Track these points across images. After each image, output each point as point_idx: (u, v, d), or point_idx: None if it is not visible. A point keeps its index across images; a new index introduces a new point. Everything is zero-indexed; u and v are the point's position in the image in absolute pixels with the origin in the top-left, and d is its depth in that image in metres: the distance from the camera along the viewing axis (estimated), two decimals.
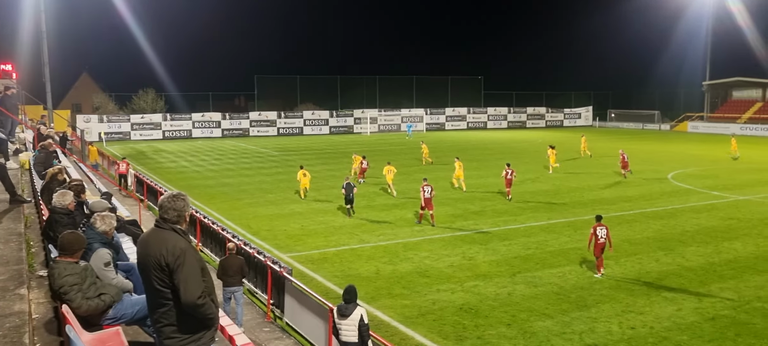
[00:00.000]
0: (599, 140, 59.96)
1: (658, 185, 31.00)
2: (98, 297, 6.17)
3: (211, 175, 35.88)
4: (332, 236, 20.46)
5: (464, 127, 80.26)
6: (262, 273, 14.03)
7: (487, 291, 14.81)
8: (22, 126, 27.83)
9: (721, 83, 76.92)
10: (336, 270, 16.56)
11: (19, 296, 6.57)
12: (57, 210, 8.14)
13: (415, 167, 38.14)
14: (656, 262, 17.27)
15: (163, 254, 4.72)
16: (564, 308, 13.67)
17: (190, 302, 4.72)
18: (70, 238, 6.39)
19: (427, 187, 22.02)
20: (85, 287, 6.14)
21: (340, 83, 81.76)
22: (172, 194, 5.04)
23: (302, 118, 72.77)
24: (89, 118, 63.66)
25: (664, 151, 48.35)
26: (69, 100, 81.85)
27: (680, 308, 13.60)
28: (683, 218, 23.15)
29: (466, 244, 19.30)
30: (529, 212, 24.31)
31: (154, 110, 71.20)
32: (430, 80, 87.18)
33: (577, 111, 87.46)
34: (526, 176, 33.97)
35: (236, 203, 26.47)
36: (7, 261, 7.76)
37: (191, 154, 48.17)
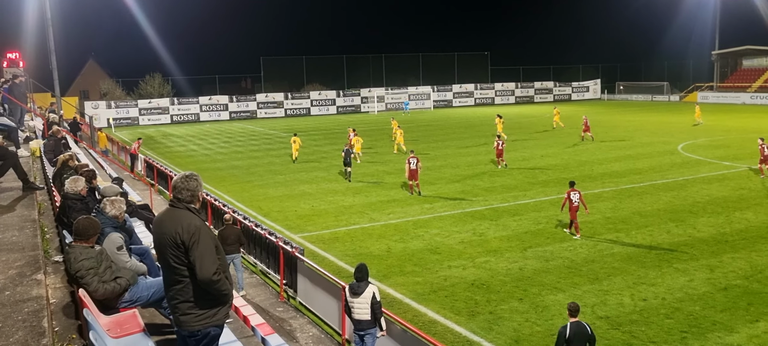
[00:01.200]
0: (607, 113, 59.62)
1: (669, 156, 30.83)
2: (114, 281, 6.24)
3: (221, 158, 35.99)
4: (342, 215, 20.52)
5: (472, 104, 79.94)
6: (274, 254, 14.11)
7: (499, 266, 14.85)
8: (31, 114, 27.99)
9: (730, 52, 76.10)
10: (347, 249, 16.64)
11: (37, 281, 6.66)
12: (70, 196, 8.21)
13: (423, 145, 38.04)
14: (667, 233, 17.23)
15: (179, 232, 4.81)
16: (575, 281, 13.70)
17: (205, 279, 4.80)
18: (84, 223, 6.46)
19: (414, 159, 23.18)
20: (101, 270, 6.21)
21: (346, 63, 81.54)
22: (185, 175, 5.10)
23: (309, 99, 72.67)
24: (97, 105, 63.84)
25: (674, 123, 48.02)
26: (76, 87, 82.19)
27: (692, 279, 13.60)
28: (694, 189, 23.06)
29: (476, 220, 19.32)
30: (539, 186, 24.27)
31: (161, 95, 71.28)
32: (437, 57, 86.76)
33: (585, 84, 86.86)
34: (535, 152, 33.90)
35: (246, 185, 26.58)
36: (23, 247, 7.85)
37: (200, 138, 48.30)
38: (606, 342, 10.69)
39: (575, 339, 8.40)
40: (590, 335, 8.46)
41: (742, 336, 10.78)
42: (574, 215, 17.13)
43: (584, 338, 8.42)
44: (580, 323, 8.57)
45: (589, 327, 8.55)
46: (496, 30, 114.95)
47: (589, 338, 8.45)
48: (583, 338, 8.41)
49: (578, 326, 8.50)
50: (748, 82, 73.17)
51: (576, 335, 8.41)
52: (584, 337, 8.42)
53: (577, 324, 8.53)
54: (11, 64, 35.09)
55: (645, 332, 11.05)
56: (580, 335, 8.41)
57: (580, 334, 8.41)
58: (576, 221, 17.20)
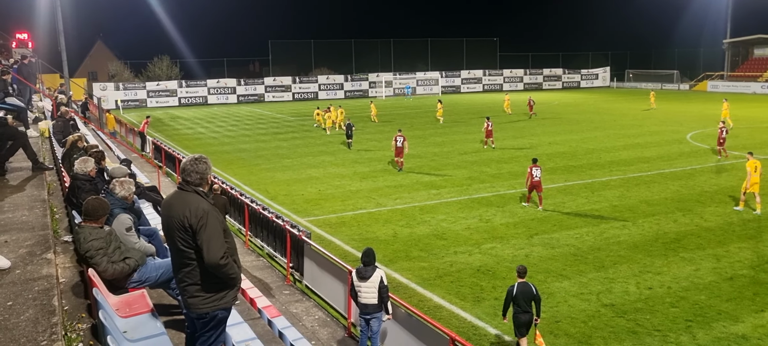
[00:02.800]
0: (616, 101, 59.30)
1: (677, 145, 30.70)
2: (123, 261, 6.30)
3: (228, 141, 36.07)
4: (349, 199, 20.57)
5: (480, 90, 79.69)
6: (281, 237, 14.18)
7: (504, 253, 14.87)
8: (40, 94, 28.10)
9: (741, 41, 75.45)
10: (354, 233, 16.69)
11: (47, 260, 6.72)
12: (79, 176, 8.26)
13: (430, 130, 38.03)
14: (674, 222, 17.20)
15: (187, 215, 4.82)
16: (581, 269, 13.71)
17: (213, 262, 4.82)
18: (94, 203, 6.51)
19: (400, 137, 24.95)
20: (110, 251, 6.27)
21: (354, 47, 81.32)
22: (193, 157, 5.10)
23: (317, 83, 72.61)
24: (105, 86, 63.98)
25: (683, 112, 47.75)
26: (85, 68, 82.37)
27: (698, 268, 13.59)
28: (702, 178, 22.97)
29: (482, 206, 19.33)
30: (546, 173, 24.16)
31: (170, 77, 71.36)
32: (445, 43, 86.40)
33: (594, 72, 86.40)
34: (542, 139, 33.80)
35: (253, 169, 26.65)
36: (33, 227, 7.92)
37: (207, 121, 48.38)
38: (610, 330, 10.72)
39: (520, 296, 9.54)
40: (535, 295, 9.56)
41: (748, 326, 10.78)
42: (532, 188, 18.80)
43: (529, 296, 9.55)
44: (526, 283, 9.70)
45: (534, 287, 9.66)
46: (506, 16, 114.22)
47: (533, 296, 9.55)
48: (527, 296, 9.54)
49: (524, 286, 9.63)
50: (759, 72, 72.56)
51: (521, 293, 9.55)
52: (529, 295, 9.55)
53: (523, 284, 9.66)
54: (20, 45, 35.22)
55: (650, 320, 11.07)
56: (525, 293, 9.55)
57: (525, 293, 9.55)
58: (539, 193, 18.82)
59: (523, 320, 9.54)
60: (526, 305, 9.50)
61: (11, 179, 10.84)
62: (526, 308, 9.51)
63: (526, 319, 9.53)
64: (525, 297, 9.52)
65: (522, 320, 9.54)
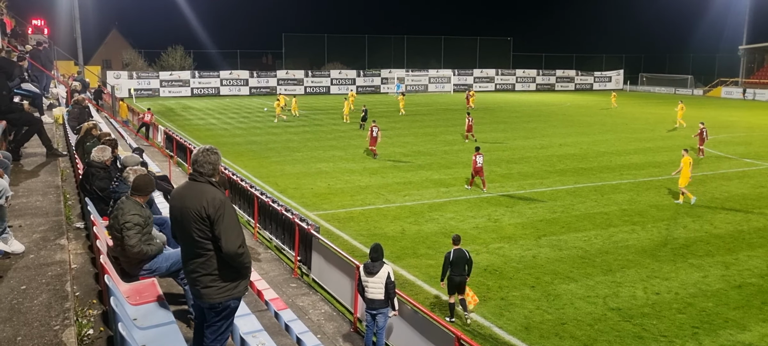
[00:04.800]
0: (628, 105, 58.98)
1: (697, 153, 30.48)
2: (149, 245, 6.40)
3: (239, 133, 36.21)
4: (358, 195, 20.63)
5: (492, 89, 79.51)
6: (289, 230, 14.26)
7: (512, 253, 14.88)
8: (55, 81, 28.32)
9: (758, 48, 74.76)
10: (362, 229, 16.75)
11: (60, 246, 6.83)
12: (94, 164, 8.36)
13: (440, 128, 38.02)
14: (684, 228, 17.14)
15: (204, 205, 4.87)
16: (588, 271, 13.71)
17: (231, 251, 4.89)
18: (145, 179, 6.69)
19: (375, 128, 27.53)
20: (145, 230, 6.37)
21: (367, 42, 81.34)
22: (205, 148, 5.16)
23: (329, 78, 72.69)
24: (119, 75, 64.37)
25: (696, 117, 47.28)
26: (99, 56, 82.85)
27: (706, 275, 13.55)
28: (713, 184, 22.85)
29: (491, 206, 19.34)
30: (556, 175, 24.19)
31: (183, 67, 71.67)
32: (459, 41, 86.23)
33: (607, 74, 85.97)
34: (553, 140, 33.72)
35: (264, 161, 26.76)
36: (47, 212, 8.04)
37: (219, 112, 48.57)
38: (616, 334, 10.73)
39: (456, 261, 11.04)
40: (468, 259, 11.15)
41: (755, 335, 10.75)
42: (475, 173, 21.22)
43: (463, 260, 11.09)
44: (460, 249, 11.21)
45: (467, 252, 11.22)
46: (520, 16, 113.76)
47: (467, 260, 11.12)
48: (462, 260, 11.08)
49: (459, 252, 11.14)
50: None
51: (457, 258, 11.06)
52: (463, 259, 11.10)
53: (458, 250, 11.16)
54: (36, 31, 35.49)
55: (656, 325, 11.06)
56: (460, 258, 11.07)
57: (460, 258, 11.08)
58: (482, 178, 21.37)
59: (457, 281, 11.07)
60: (461, 269, 11.05)
61: (26, 165, 10.98)
62: (460, 271, 11.05)
63: (460, 280, 11.07)
64: (460, 261, 11.05)
65: (456, 282, 11.07)
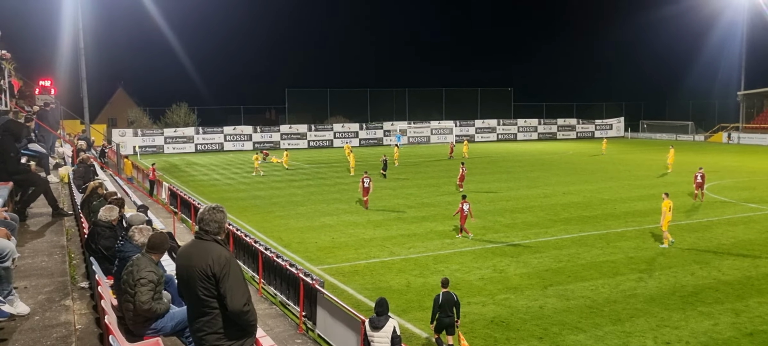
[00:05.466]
0: (630, 152, 59.18)
1: (693, 197, 30.47)
2: (158, 303, 6.40)
3: (243, 188, 36.33)
4: (363, 248, 20.57)
5: (494, 139, 79.95)
6: (294, 285, 14.18)
7: (519, 304, 14.75)
8: (61, 140, 28.60)
9: (756, 93, 75.37)
10: (367, 283, 16.65)
11: (65, 306, 6.81)
12: (101, 223, 8.40)
13: (443, 179, 38.12)
14: (691, 275, 17.00)
15: (210, 264, 4.89)
16: (597, 321, 13.55)
17: (236, 310, 4.89)
18: (160, 237, 6.78)
19: (367, 179, 28.04)
20: (157, 289, 6.39)
21: (369, 96, 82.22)
22: (211, 207, 5.21)
23: (332, 131, 73.28)
24: (124, 132, 65.02)
25: (699, 163, 47.36)
26: (105, 114, 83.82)
27: (717, 323, 13.38)
28: (718, 230, 22.75)
29: (496, 256, 19.25)
30: (561, 224, 24.12)
31: (187, 124, 72.40)
32: (460, 92, 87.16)
33: (608, 122, 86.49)
34: (556, 189, 33.73)
35: (268, 216, 26.78)
36: (52, 273, 8.04)
37: (223, 167, 48.83)
38: None
39: (445, 304, 11.61)
40: (456, 301, 11.70)
41: None
42: (464, 221, 21.65)
43: (451, 302, 11.65)
44: (448, 292, 11.80)
45: (455, 295, 11.78)
46: (520, 66, 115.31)
47: (455, 303, 11.67)
48: (450, 302, 11.65)
49: (447, 295, 11.72)
50: None
51: (445, 301, 11.62)
52: (451, 302, 11.66)
53: (447, 293, 11.75)
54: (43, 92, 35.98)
55: None
56: (448, 301, 11.64)
57: (448, 300, 11.64)
58: (464, 227, 21.81)
59: (446, 322, 11.64)
60: (449, 311, 11.62)
61: (31, 225, 11.03)
62: (449, 312, 11.62)
63: (449, 321, 11.64)
64: (448, 303, 11.61)
65: (445, 323, 11.64)
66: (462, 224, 21.85)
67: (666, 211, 20.34)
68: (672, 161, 41.15)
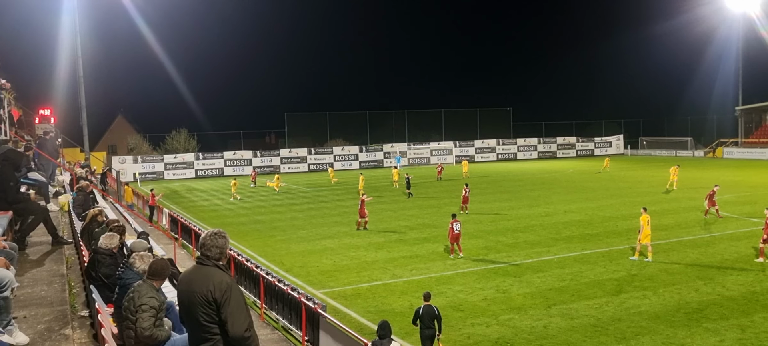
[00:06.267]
0: (629, 169, 59.18)
1: (694, 213, 30.42)
2: (160, 329, 6.36)
3: (244, 212, 36.27)
4: (364, 271, 20.47)
5: (494, 159, 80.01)
6: (296, 310, 14.08)
7: (523, 324, 14.63)
8: (60, 169, 28.62)
9: (754, 108, 75.61)
10: (369, 306, 16.54)
11: (65, 336, 6.75)
12: (101, 251, 8.36)
13: (445, 200, 38.07)
14: (696, 292, 16.89)
15: (210, 289, 4.85)
16: (602, 340, 13.43)
17: (237, 335, 4.85)
18: (161, 263, 6.77)
19: (366, 198, 29.21)
20: (159, 315, 6.34)
21: (369, 118, 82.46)
22: (213, 232, 5.18)
23: (332, 154, 73.36)
24: (124, 159, 65.08)
25: (699, 179, 47.46)
26: (105, 141, 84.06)
27: (723, 339, 13.26)
28: (721, 246, 22.66)
29: (499, 276, 19.14)
30: (563, 242, 24.04)
31: (187, 150, 72.51)
32: (459, 113, 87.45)
33: (607, 139, 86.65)
34: (558, 207, 33.67)
35: (269, 240, 26.69)
36: (52, 302, 7.98)
37: (223, 192, 48.78)
38: None
39: (425, 316, 11.88)
40: (436, 314, 11.93)
41: None
42: (454, 240, 21.52)
43: (432, 315, 11.89)
44: (429, 305, 12.06)
45: (436, 309, 12.03)
46: (519, 86, 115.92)
47: (435, 315, 11.90)
48: (430, 315, 11.89)
49: (428, 307, 11.99)
50: None
51: (426, 313, 11.90)
52: (432, 315, 11.90)
53: (427, 306, 12.02)
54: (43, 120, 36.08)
55: None
56: (428, 313, 11.90)
57: (429, 313, 11.91)
58: (458, 243, 21.66)
59: (427, 334, 11.87)
60: (429, 323, 11.85)
61: (31, 254, 10.97)
62: (429, 325, 11.85)
63: (430, 334, 11.86)
64: (429, 316, 11.85)
65: (426, 335, 11.86)
66: (452, 243, 21.74)
67: (644, 225, 20.61)
68: (676, 178, 40.90)
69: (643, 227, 20.58)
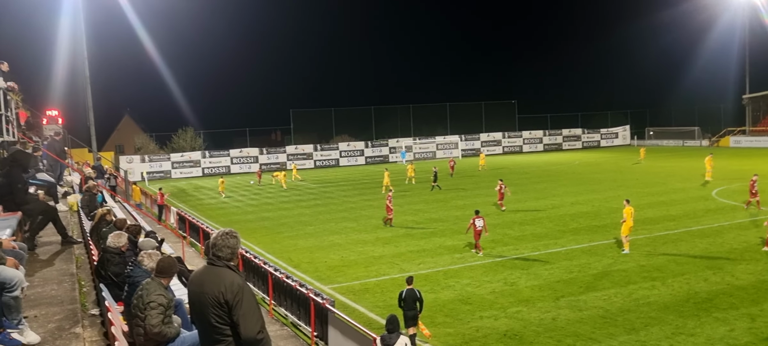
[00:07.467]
0: (637, 159, 58.97)
1: (703, 202, 30.30)
2: (169, 326, 6.39)
3: (251, 210, 36.36)
4: (372, 266, 20.50)
5: (500, 152, 79.83)
6: (305, 306, 14.13)
7: (531, 317, 14.63)
8: (69, 169, 28.76)
9: (762, 96, 75.11)
10: (377, 300, 16.57)
11: (75, 335, 6.79)
12: (110, 250, 8.41)
13: (451, 194, 38.06)
14: (705, 281, 16.84)
15: (222, 291, 4.83)
16: (611, 331, 13.42)
17: (250, 337, 4.82)
18: (169, 261, 6.80)
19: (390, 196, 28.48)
20: (167, 312, 6.38)
21: (374, 113, 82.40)
22: (224, 232, 5.15)
23: (338, 150, 73.40)
24: (132, 159, 65.29)
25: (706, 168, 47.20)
26: (112, 142, 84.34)
27: (733, 329, 13.22)
28: (730, 235, 22.57)
29: (507, 269, 19.14)
30: (570, 234, 24.00)
31: (193, 148, 72.69)
32: (464, 106, 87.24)
33: (614, 130, 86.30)
34: (564, 199, 33.61)
35: (276, 237, 26.76)
36: (62, 301, 8.03)
37: (230, 190, 48.88)
38: None
39: (408, 298, 12.67)
40: (418, 297, 12.75)
41: None
42: (477, 237, 21.10)
43: (414, 297, 12.70)
44: (412, 289, 12.82)
45: (418, 292, 12.83)
46: (523, 78, 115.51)
47: (417, 298, 12.73)
48: (413, 297, 12.70)
49: (410, 291, 12.77)
50: None
51: (407, 296, 12.68)
52: (414, 298, 12.70)
53: (410, 290, 12.78)
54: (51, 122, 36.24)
55: None
56: (410, 296, 12.69)
57: (411, 296, 12.70)
58: (478, 242, 21.17)
59: (409, 315, 12.60)
60: (412, 305, 12.64)
61: (41, 254, 11.04)
62: (412, 306, 12.64)
63: (412, 315, 12.61)
64: (411, 298, 12.67)
65: (409, 316, 12.58)
66: (476, 239, 21.27)
67: (628, 218, 20.62)
68: (711, 168, 38.86)
69: (626, 219, 20.66)
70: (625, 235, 20.68)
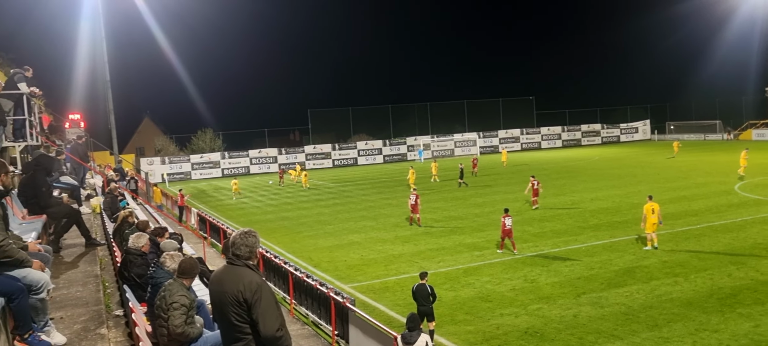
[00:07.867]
0: (659, 154, 58.33)
1: (725, 197, 29.90)
2: (191, 327, 6.48)
3: (271, 209, 36.56)
4: (392, 264, 20.52)
5: (518, 149, 79.43)
6: (325, 305, 14.19)
7: (552, 314, 14.55)
8: (91, 172, 29.14)
9: None
10: (397, 299, 16.59)
11: (100, 335, 6.89)
12: (131, 251, 8.52)
13: (470, 191, 37.95)
14: (728, 277, 16.63)
15: (241, 289, 4.89)
16: (634, 328, 13.31)
17: (269, 335, 4.87)
18: (190, 262, 6.91)
19: (414, 195, 27.42)
20: (190, 313, 6.47)
21: (392, 112, 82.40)
22: (243, 231, 5.21)
23: (356, 149, 73.52)
24: (152, 161, 65.97)
25: (730, 162, 46.54)
26: (133, 144, 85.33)
27: (758, 325, 13.05)
28: (754, 230, 22.25)
29: (527, 266, 19.05)
30: (590, 230, 23.82)
31: (213, 149, 73.24)
32: (482, 103, 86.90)
33: (633, 125, 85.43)
34: (584, 195, 33.36)
35: (296, 236, 26.89)
36: (87, 302, 8.15)
37: (250, 190, 49.20)
38: None
39: (418, 294, 12.89)
40: (430, 292, 12.87)
41: None
42: (505, 235, 20.79)
43: (424, 293, 12.83)
44: (423, 284, 13.00)
45: (430, 287, 13.00)
46: (541, 74, 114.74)
47: (428, 293, 12.83)
48: (424, 293, 12.83)
49: (421, 286, 12.96)
50: None
51: (419, 290, 12.90)
52: (425, 292, 12.84)
53: (420, 285, 12.98)
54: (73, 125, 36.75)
55: None
56: (422, 291, 12.86)
57: (422, 291, 12.87)
58: (511, 239, 20.86)
59: (421, 311, 12.63)
60: (423, 301, 12.77)
61: (65, 256, 11.21)
62: (423, 302, 12.76)
63: (424, 310, 12.69)
64: (422, 294, 12.83)
65: (420, 311, 12.59)
66: (504, 238, 20.92)
67: (649, 214, 20.31)
68: (745, 163, 37.68)
69: (647, 216, 20.34)
70: (650, 232, 20.36)
